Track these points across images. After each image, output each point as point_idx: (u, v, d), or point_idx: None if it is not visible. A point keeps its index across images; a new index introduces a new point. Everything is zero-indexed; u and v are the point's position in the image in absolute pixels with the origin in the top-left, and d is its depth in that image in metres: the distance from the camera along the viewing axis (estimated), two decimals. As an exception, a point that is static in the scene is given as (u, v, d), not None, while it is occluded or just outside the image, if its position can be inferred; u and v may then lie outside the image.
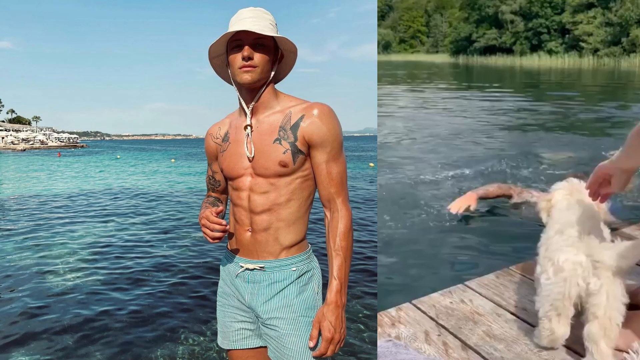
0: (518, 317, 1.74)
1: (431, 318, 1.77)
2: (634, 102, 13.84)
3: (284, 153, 1.32)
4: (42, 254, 5.78)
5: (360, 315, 3.61)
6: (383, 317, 1.82)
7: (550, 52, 54.43)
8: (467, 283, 2.01)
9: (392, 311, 1.86)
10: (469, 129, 8.62)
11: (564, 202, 1.75)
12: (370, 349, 3.05)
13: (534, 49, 56.74)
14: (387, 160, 6.13)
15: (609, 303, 1.46)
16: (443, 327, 1.71)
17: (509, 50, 59.15)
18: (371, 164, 21.52)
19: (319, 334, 1.30)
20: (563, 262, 1.50)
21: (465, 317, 1.76)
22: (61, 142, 79.75)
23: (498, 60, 57.90)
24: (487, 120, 10.04)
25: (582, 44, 50.66)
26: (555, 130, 8.57)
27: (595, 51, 49.45)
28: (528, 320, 1.71)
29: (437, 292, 1.94)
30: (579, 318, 1.56)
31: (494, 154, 6.07)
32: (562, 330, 1.55)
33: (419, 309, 1.83)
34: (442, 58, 66.42)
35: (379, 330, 1.73)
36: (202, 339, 3.33)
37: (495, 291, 1.93)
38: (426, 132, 8.35)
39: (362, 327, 3.40)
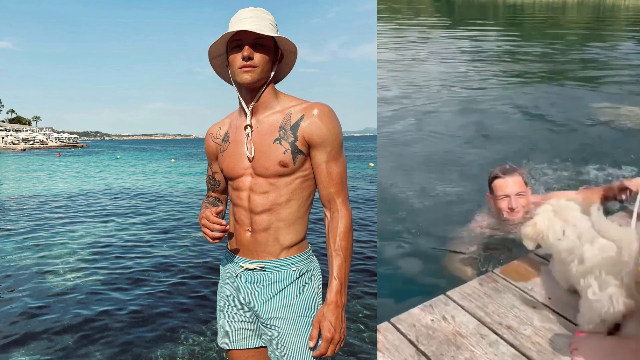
0: (503, 338, 1.65)
1: (411, 342, 1.65)
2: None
3: (284, 153, 1.32)
4: (42, 254, 5.78)
5: (360, 315, 3.61)
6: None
7: (534, -17, 52.07)
8: (448, 293, 1.89)
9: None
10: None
11: (565, 220, 1.74)
12: (370, 349, 3.05)
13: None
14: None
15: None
16: (423, 354, 1.60)
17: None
18: (371, 164, 21.50)
19: (319, 334, 1.30)
20: (606, 279, 1.49)
21: (447, 339, 1.66)
22: (61, 142, 79.76)
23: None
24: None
25: (567, -25, 48.39)
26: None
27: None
28: (514, 343, 1.62)
29: (417, 307, 1.82)
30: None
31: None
32: None
33: (397, 329, 1.72)
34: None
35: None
36: (202, 339, 3.33)
37: (479, 303, 1.83)
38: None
39: (362, 327, 3.40)
